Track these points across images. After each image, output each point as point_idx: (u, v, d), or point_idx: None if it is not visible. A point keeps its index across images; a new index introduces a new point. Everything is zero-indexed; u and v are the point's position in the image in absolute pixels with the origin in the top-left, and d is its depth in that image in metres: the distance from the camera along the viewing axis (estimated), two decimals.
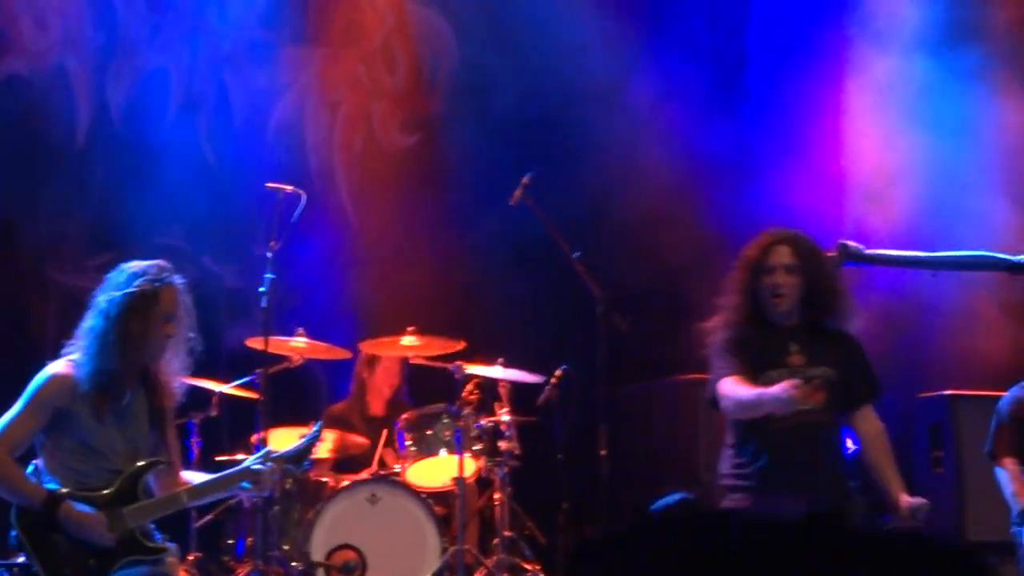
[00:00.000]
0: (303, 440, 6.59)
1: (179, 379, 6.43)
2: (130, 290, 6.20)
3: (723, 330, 6.76)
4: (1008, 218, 9.87)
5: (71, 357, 6.23)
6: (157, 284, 6.23)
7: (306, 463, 6.62)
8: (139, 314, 6.17)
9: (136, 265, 6.32)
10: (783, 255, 6.74)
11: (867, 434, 6.79)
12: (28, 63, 10.33)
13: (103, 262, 10.20)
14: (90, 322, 6.25)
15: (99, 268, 6.82)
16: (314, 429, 6.68)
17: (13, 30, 10.30)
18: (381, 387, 9.66)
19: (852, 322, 6.85)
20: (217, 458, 8.49)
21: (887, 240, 9.23)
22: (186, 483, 6.37)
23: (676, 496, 7.47)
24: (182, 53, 10.70)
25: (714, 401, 6.75)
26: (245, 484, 6.37)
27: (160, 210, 10.16)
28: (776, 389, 6.38)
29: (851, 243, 7.69)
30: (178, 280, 6.32)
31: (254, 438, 8.31)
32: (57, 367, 6.21)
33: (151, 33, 10.66)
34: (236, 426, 8.91)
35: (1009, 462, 7.81)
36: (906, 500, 6.61)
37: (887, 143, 10.52)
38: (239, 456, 8.03)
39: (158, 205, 10.14)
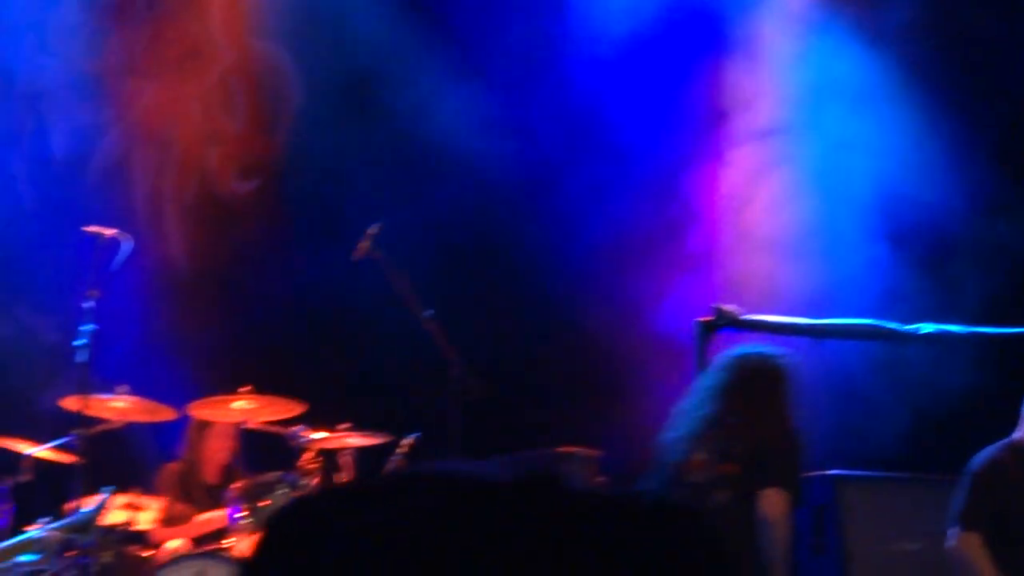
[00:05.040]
0: (87, 509, 6.00)
1: None
2: None
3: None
4: None
5: None
6: None
7: (92, 534, 6.03)
8: None
9: None
10: None
11: None
12: None
13: None
14: None
15: None
16: (101, 498, 6.45)
17: None
18: (214, 452, 9.03)
19: None
20: (28, 527, 7.87)
21: None
22: None
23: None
24: None
25: None
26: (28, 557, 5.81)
27: None
28: None
29: (726, 307, 7.18)
30: None
31: (70, 505, 7.78)
32: None
33: None
34: (57, 492, 8.23)
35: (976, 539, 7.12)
36: None
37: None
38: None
39: None
